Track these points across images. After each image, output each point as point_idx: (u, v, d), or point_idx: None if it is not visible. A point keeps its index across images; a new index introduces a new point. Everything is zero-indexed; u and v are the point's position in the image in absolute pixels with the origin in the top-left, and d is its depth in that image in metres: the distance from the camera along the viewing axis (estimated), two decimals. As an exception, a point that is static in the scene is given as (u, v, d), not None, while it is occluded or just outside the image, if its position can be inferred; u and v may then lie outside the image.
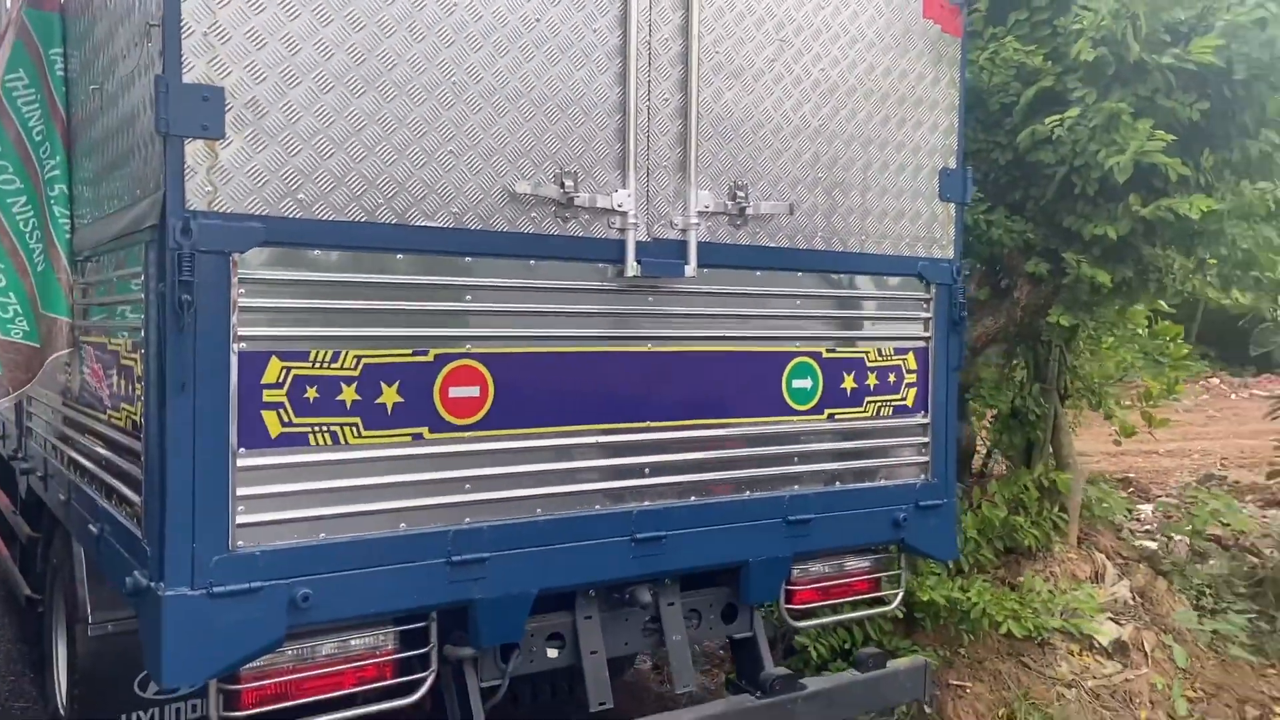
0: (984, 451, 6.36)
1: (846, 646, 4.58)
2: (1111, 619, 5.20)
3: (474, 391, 2.83)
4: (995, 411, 5.94)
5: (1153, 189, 4.39)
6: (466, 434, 2.81)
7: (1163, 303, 6.20)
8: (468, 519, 2.80)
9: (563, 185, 2.94)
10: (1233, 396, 15.05)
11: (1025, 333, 5.36)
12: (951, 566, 5.00)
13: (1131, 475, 9.95)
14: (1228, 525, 7.85)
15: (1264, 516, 8.45)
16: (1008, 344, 5.78)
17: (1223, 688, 5.14)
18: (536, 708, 3.89)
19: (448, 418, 2.78)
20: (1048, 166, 4.55)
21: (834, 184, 3.57)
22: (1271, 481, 7.81)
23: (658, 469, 3.21)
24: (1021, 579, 5.18)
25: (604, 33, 3.02)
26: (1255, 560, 7.22)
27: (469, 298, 2.81)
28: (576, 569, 3.01)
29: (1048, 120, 4.32)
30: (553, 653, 3.14)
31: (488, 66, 2.81)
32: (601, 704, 3.10)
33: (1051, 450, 5.86)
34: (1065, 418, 5.95)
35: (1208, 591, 6.33)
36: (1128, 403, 7.10)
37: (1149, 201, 4.33)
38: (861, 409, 3.69)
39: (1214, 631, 5.59)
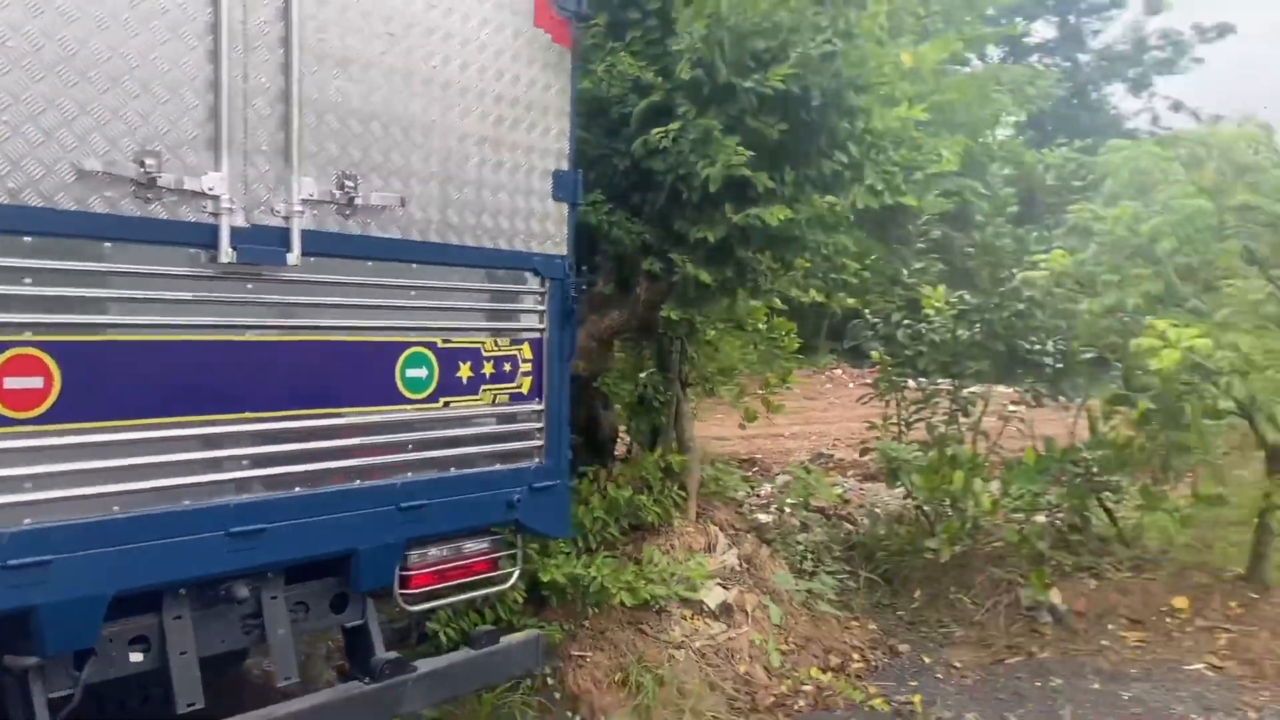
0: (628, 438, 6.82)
1: (479, 629, 4.72)
2: (720, 585, 5.76)
3: (36, 383, 2.62)
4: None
5: (746, 198, 4.92)
6: (26, 428, 2.60)
7: (778, 300, 6.98)
8: (28, 520, 2.59)
9: (143, 165, 2.79)
10: (851, 385, 17.03)
11: (647, 326, 5.80)
12: (580, 545, 5.32)
13: (758, 456, 11.03)
14: (839, 497, 8.97)
15: (861, 489, 9.71)
16: (634, 336, 6.23)
17: (812, 640, 5.86)
18: (125, 714, 3.67)
19: (3, 411, 2.56)
20: (659, 174, 4.95)
21: (448, 179, 3.68)
22: (865, 457, 8.98)
23: (259, 460, 3.14)
24: (644, 553, 5.60)
25: (192, 9, 2.91)
26: (850, 527, 8.28)
27: (28, 280, 2.60)
28: (161, 568, 2.88)
29: (655, 132, 4.71)
30: (137, 656, 2.98)
31: (51, 34, 2.61)
32: (191, 704, 2.99)
33: (675, 434, 6.40)
34: (687, 404, 6.51)
35: (809, 556, 7.19)
36: (758, 390, 7.92)
37: (741, 210, 4.86)
38: (478, 397, 3.83)
39: (808, 591, 6.36)
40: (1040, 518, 6.90)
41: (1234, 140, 5.63)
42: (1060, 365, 7.25)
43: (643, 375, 6.50)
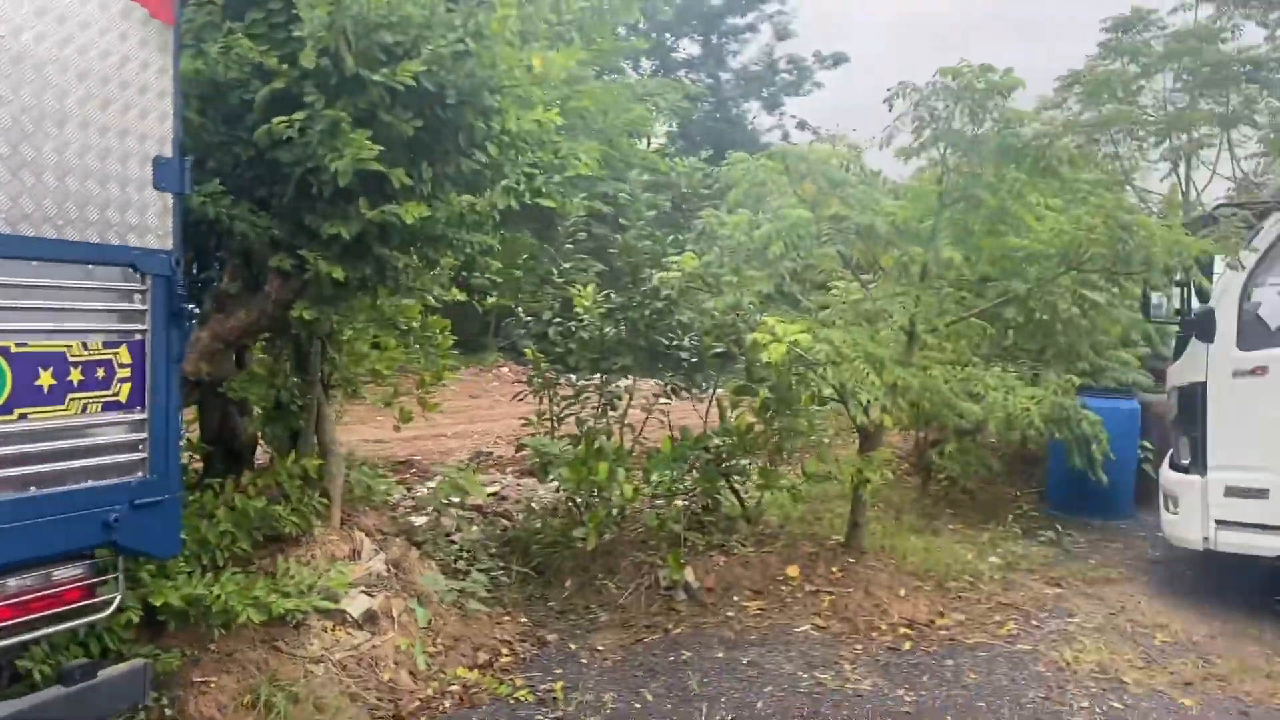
0: (272, 445, 6.42)
1: (72, 663, 4.23)
2: (365, 592, 5.60)
3: None
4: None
5: (384, 194, 4.81)
6: None
7: (430, 298, 6.91)
8: None
9: None
10: (515, 383, 17.24)
11: (279, 326, 5.50)
12: (205, 562, 4.95)
13: (418, 457, 10.87)
14: (490, 495, 9.04)
15: (519, 484, 9.87)
16: (270, 337, 5.90)
17: (461, 639, 5.85)
18: None
19: None
20: (286, 166, 4.70)
21: (21, 163, 3.26)
22: (520, 454, 9.12)
23: None
24: (279, 566, 5.31)
25: None
26: (507, 523, 8.39)
27: None
28: None
29: (277, 121, 4.47)
30: None
31: None
32: None
33: (316, 439, 6.13)
34: (329, 407, 6.26)
35: (463, 556, 7.19)
36: (413, 390, 7.78)
37: (378, 206, 4.74)
38: (64, 407, 3.43)
39: (460, 590, 6.35)
40: (678, 502, 7.38)
41: (828, 158, 6.35)
42: (695, 359, 7.81)
43: (282, 376, 6.18)
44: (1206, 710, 5.09)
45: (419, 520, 7.63)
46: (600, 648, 5.87)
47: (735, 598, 6.44)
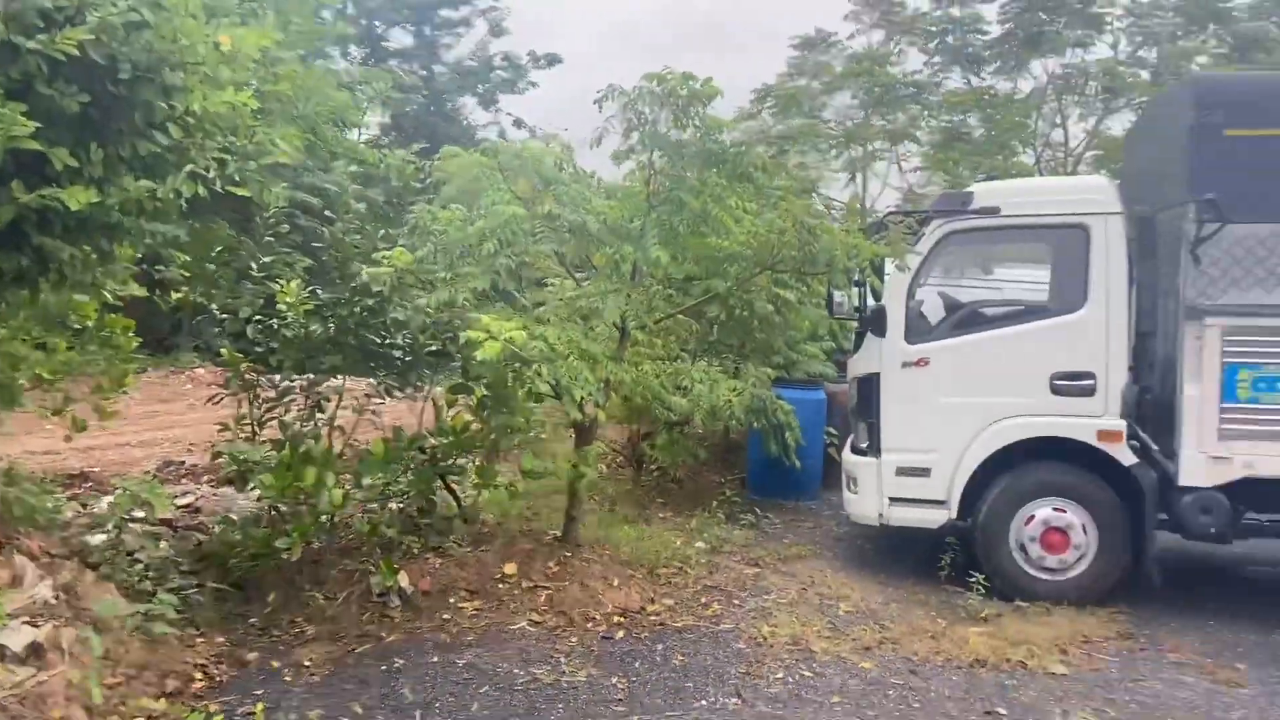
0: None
1: None
2: (28, 623, 4.95)
3: None
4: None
5: (44, 177, 4.28)
6: None
7: (107, 294, 6.23)
8: None
9: None
10: (211, 385, 16.03)
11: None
12: None
13: (95, 469, 9.82)
14: (179, 506, 8.33)
15: (215, 495, 9.16)
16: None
17: (146, 667, 5.31)
18: None
19: None
20: (-79, 141, 4.07)
21: None
22: (217, 461, 8.46)
23: None
24: (-85, 603, 4.59)
25: None
26: (203, 537, 7.75)
27: None
28: None
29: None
30: None
31: None
32: None
33: (-37, 454, 5.36)
34: (-21, 417, 5.50)
35: (149, 575, 6.55)
36: (85, 396, 6.98)
37: (36, 188, 4.21)
38: None
39: (144, 614, 5.77)
40: (392, 505, 7.16)
41: (542, 156, 6.40)
42: (409, 358, 7.60)
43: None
44: (883, 671, 5.64)
45: (96, 539, 6.86)
46: (307, 663, 5.56)
47: (452, 600, 6.34)
